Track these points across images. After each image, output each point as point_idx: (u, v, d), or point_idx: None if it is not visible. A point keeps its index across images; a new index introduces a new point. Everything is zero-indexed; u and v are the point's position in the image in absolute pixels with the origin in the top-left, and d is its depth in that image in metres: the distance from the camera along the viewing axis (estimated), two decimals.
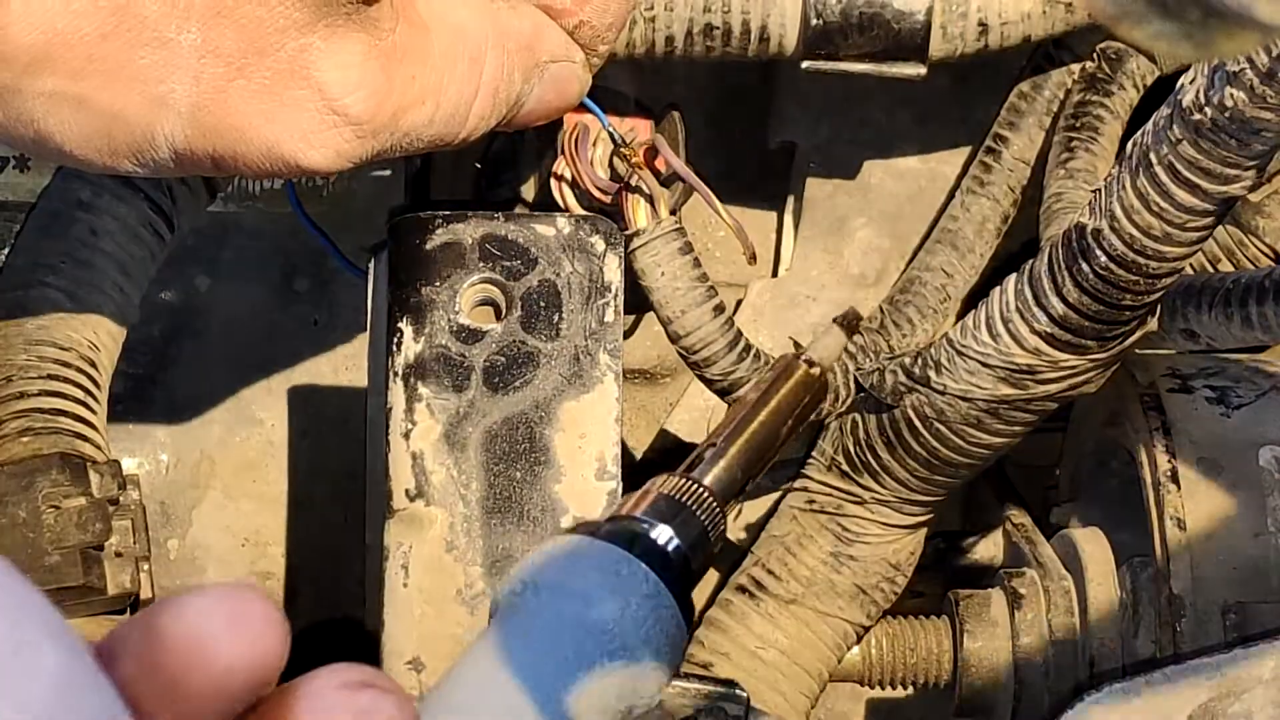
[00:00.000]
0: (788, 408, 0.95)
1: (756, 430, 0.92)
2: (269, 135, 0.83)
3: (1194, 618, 1.13)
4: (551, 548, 0.80)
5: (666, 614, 0.79)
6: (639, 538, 0.82)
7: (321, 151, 0.84)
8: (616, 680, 0.76)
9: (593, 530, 0.82)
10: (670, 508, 0.84)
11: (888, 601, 1.25)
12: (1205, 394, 1.19)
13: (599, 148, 1.13)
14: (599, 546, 0.80)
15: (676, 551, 0.82)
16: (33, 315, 1.07)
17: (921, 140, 1.33)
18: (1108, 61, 1.24)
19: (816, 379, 0.97)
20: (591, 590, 0.78)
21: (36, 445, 1.03)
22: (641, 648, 0.77)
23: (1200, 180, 0.95)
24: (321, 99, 0.83)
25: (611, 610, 0.77)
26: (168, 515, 1.32)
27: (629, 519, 0.84)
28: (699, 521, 0.85)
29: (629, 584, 0.78)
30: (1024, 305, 1.07)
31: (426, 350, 1.03)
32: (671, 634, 0.79)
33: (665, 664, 0.79)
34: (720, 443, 0.90)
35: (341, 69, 0.84)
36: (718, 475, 0.89)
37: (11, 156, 1.29)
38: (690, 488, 0.86)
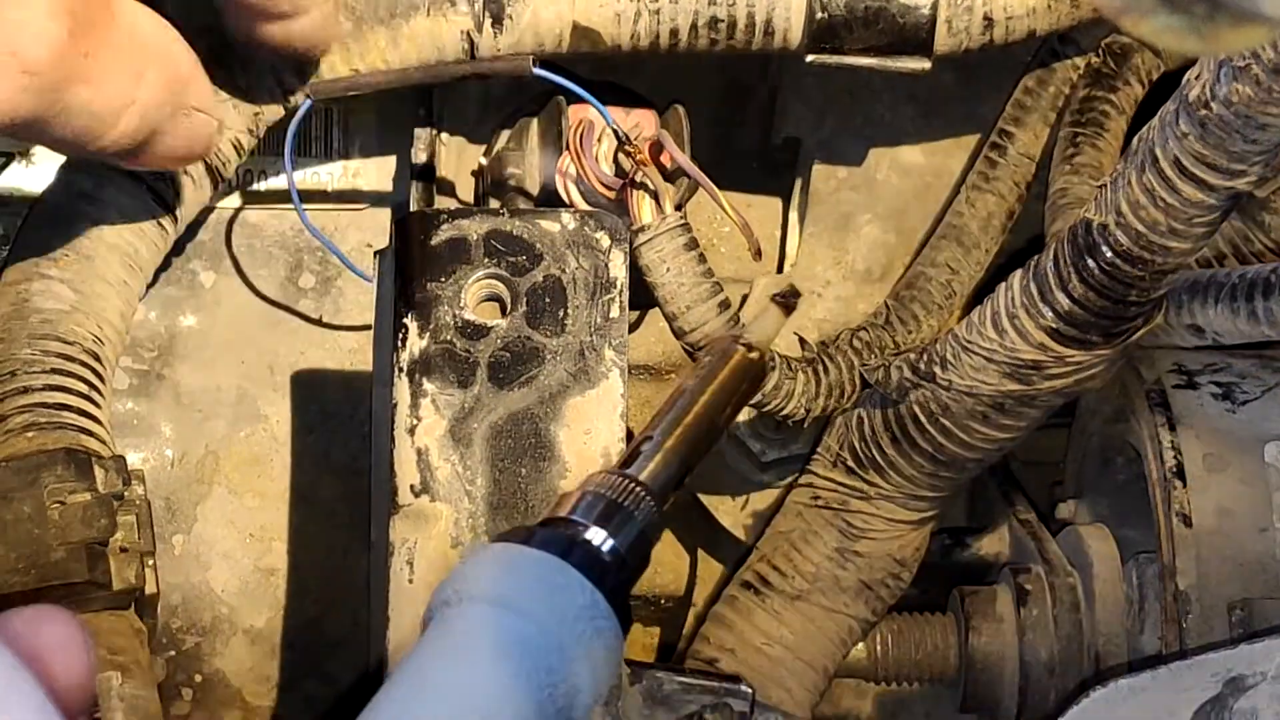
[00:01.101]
0: (726, 394, 0.94)
1: (694, 420, 0.91)
2: None
3: (1199, 613, 1.13)
4: (484, 556, 0.79)
5: (604, 625, 0.78)
6: (575, 545, 0.81)
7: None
8: (556, 693, 0.75)
9: (526, 536, 0.81)
10: (606, 509, 0.83)
11: (893, 597, 1.25)
12: (1211, 390, 1.19)
13: (604, 144, 1.13)
14: (533, 556, 0.79)
15: (613, 555, 0.82)
16: (36, 309, 1.07)
17: (927, 136, 1.33)
18: (1113, 57, 1.23)
19: (755, 362, 0.95)
20: (527, 603, 0.76)
21: (41, 440, 1.03)
22: (580, 660, 0.76)
23: (1206, 175, 0.95)
24: (3, 39, 0.84)
25: (549, 622, 0.76)
26: (173, 511, 1.31)
27: (563, 522, 0.83)
28: (636, 522, 0.84)
29: (565, 596, 0.77)
30: (1029, 301, 1.07)
31: (432, 346, 1.03)
32: (609, 645, 0.78)
33: (603, 676, 0.78)
34: (657, 435, 0.89)
35: (28, 13, 0.84)
36: (655, 471, 0.87)
37: (15, 152, 1.29)
38: (626, 485, 0.85)
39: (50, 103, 0.87)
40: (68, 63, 0.86)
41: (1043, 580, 1.26)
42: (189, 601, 1.31)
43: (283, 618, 1.32)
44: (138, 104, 0.92)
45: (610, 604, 0.79)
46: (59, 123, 0.89)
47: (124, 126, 0.92)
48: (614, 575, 0.80)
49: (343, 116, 1.32)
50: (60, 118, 0.88)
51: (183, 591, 1.31)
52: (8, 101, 0.85)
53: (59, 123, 0.89)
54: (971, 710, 1.30)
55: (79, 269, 1.08)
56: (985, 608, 1.27)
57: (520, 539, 0.80)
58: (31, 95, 0.86)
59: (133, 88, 0.91)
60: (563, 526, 0.83)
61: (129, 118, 0.92)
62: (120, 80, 0.90)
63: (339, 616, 1.33)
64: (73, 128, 0.90)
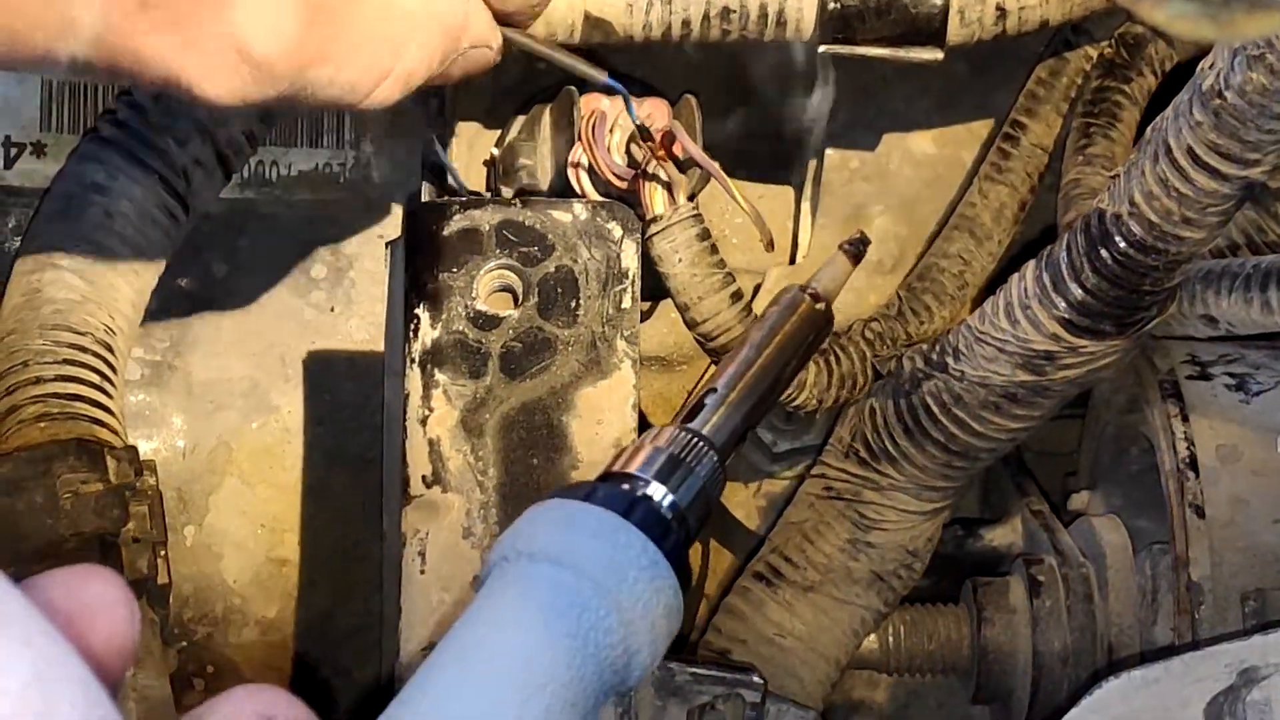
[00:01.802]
0: (792, 347, 0.92)
1: (759, 373, 0.89)
2: (171, 65, 0.83)
3: (1213, 604, 1.13)
4: (544, 513, 0.77)
5: (664, 584, 0.76)
6: (636, 502, 0.79)
7: (218, 87, 0.85)
8: (613, 654, 0.74)
9: (588, 493, 0.79)
10: (667, 464, 0.81)
11: (905, 588, 1.25)
12: (1224, 381, 1.19)
13: (616, 134, 1.13)
14: (594, 513, 0.77)
15: (673, 512, 0.80)
16: (49, 299, 1.07)
17: (939, 127, 1.32)
18: (1126, 47, 1.23)
19: (821, 314, 0.94)
20: (588, 561, 0.74)
21: (53, 430, 1.03)
22: (639, 620, 0.75)
23: (1220, 164, 0.95)
24: (231, 37, 0.84)
25: (608, 582, 0.75)
26: (185, 502, 1.32)
27: (624, 477, 0.81)
28: (698, 478, 0.82)
29: (626, 555, 0.75)
30: (1042, 291, 1.07)
31: (444, 336, 1.03)
32: (669, 604, 0.76)
33: (662, 636, 0.77)
34: (721, 388, 0.87)
35: (259, 10, 0.84)
36: (718, 425, 0.86)
37: (28, 143, 1.29)
38: (689, 441, 0.83)
39: (287, 86, 0.87)
40: (306, 50, 0.86)
41: (1055, 571, 1.25)
42: (201, 592, 1.31)
43: (294, 609, 1.32)
44: (398, 73, 0.91)
45: (670, 563, 0.77)
46: (305, 97, 0.89)
47: (384, 93, 0.92)
48: (675, 534, 0.78)
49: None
50: (305, 93, 0.88)
51: (194, 582, 1.31)
52: (236, 92, 0.85)
53: (305, 97, 0.89)
54: (984, 701, 1.30)
55: (90, 260, 1.08)
56: (998, 599, 1.27)
57: (582, 495, 0.78)
58: (263, 84, 0.86)
59: (389, 60, 0.91)
60: (624, 482, 0.80)
61: (390, 86, 0.92)
62: (371, 56, 0.90)
63: (351, 607, 1.33)
64: (323, 99, 0.90)
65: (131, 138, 1.09)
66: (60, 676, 0.46)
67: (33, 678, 0.45)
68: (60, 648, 0.46)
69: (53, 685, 0.45)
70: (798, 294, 0.94)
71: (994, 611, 1.26)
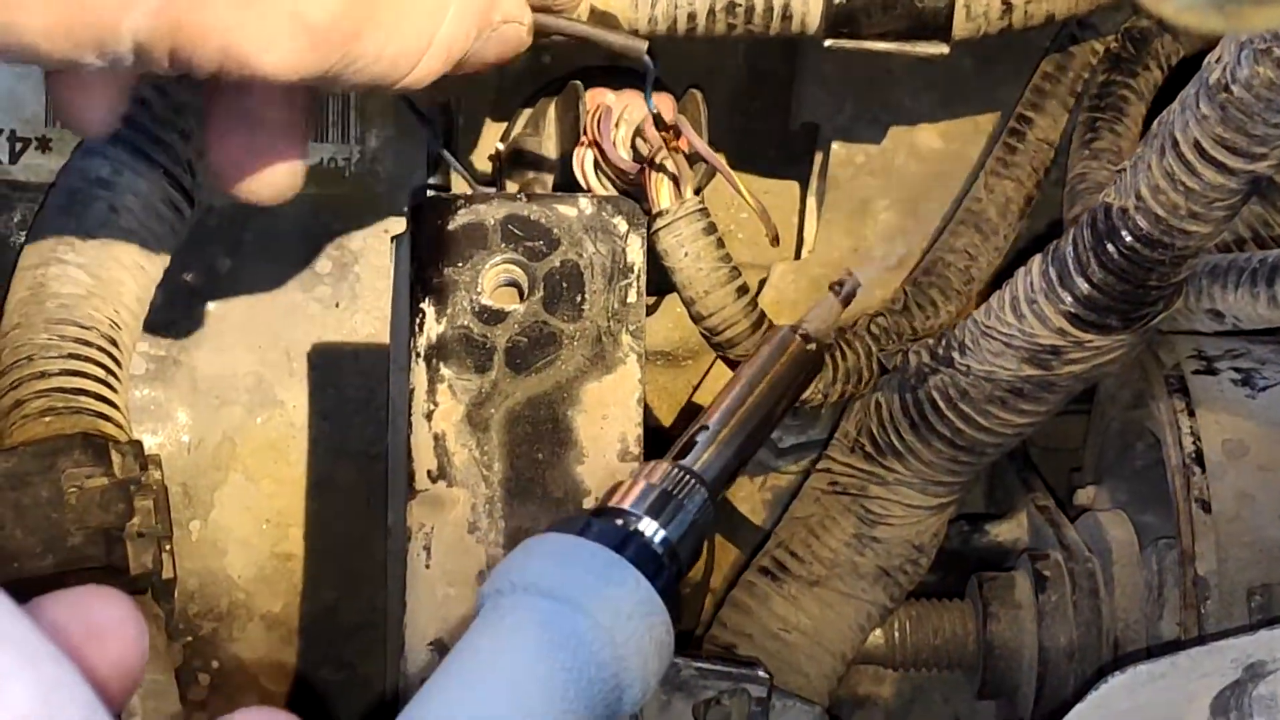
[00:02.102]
0: (783, 386, 0.93)
1: (749, 411, 0.91)
2: (230, 33, 0.83)
3: (1219, 599, 1.13)
4: (539, 546, 0.79)
5: (656, 620, 0.78)
6: (630, 537, 0.80)
7: (274, 54, 0.84)
8: (605, 688, 0.75)
9: (582, 527, 0.80)
10: (659, 499, 0.83)
11: (911, 583, 1.25)
12: (1230, 376, 1.19)
13: (621, 128, 1.13)
14: (589, 548, 0.78)
15: (665, 547, 0.82)
16: (53, 293, 1.07)
17: (945, 121, 1.32)
18: (1132, 41, 1.23)
19: (812, 354, 0.95)
20: (582, 595, 0.76)
21: (59, 425, 1.03)
22: (632, 656, 0.76)
23: (1227, 158, 0.95)
24: (286, 2, 0.84)
25: (603, 617, 0.76)
26: (189, 496, 1.31)
27: (618, 513, 0.82)
28: (689, 514, 0.84)
29: (620, 590, 0.77)
30: (1048, 285, 1.06)
31: (449, 331, 1.03)
32: (660, 639, 0.78)
33: (654, 671, 0.78)
34: (712, 426, 0.89)
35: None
36: (709, 462, 0.87)
37: (33, 138, 1.29)
38: (681, 477, 0.85)
39: (340, 55, 0.86)
40: (355, 15, 0.86)
41: (1061, 566, 1.25)
42: (206, 587, 1.31)
43: (299, 604, 1.32)
44: (438, 45, 0.91)
45: (662, 599, 0.79)
46: (354, 70, 0.88)
47: (426, 69, 0.91)
48: (667, 570, 0.80)
49: (359, 100, 1.32)
50: (355, 65, 0.88)
51: (199, 577, 1.31)
52: (295, 61, 0.85)
53: (354, 70, 0.88)
54: (989, 697, 1.30)
55: (95, 254, 1.08)
56: (1004, 594, 1.27)
57: (575, 529, 0.80)
58: (319, 53, 0.85)
59: (430, 29, 0.90)
60: (617, 517, 0.82)
61: (430, 60, 0.91)
62: (414, 26, 0.89)
63: (356, 602, 1.33)
64: (370, 73, 0.89)
65: (136, 132, 1.09)
66: (65, 700, 0.46)
67: (38, 701, 0.45)
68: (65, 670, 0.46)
69: (58, 708, 0.45)
70: (788, 334, 0.95)
71: (999, 607, 1.26)
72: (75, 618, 0.51)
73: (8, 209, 1.28)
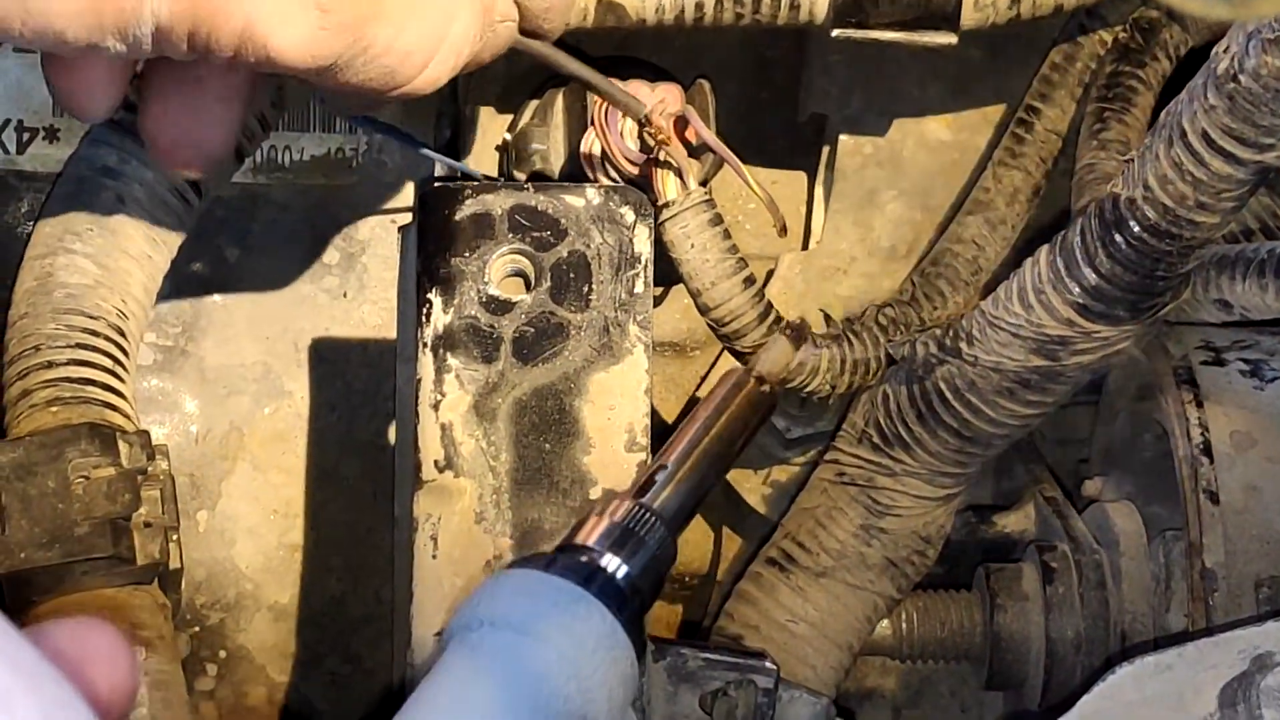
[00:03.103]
0: (737, 425, 0.97)
1: (706, 451, 0.94)
2: (249, 9, 0.83)
3: (1226, 591, 1.12)
4: (505, 581, 0.81)
5: (621, 653, 0.80)
6: (594, 573, 0.83)
7: (289, 34, 0.84)
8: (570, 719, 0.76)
9: (547, 562, 0.83)
10: (622, 536, 0.86)
11: (918, 574, 1.25)
12: (1239, 367, 1.18)
13: (628, 119, 1.12)
14: (554, 583, 0.81)
15: (627, 582, 0.84)
16: (61, 283, 1.07)
17: (953, 112, 1.32)
18: (1140, 32, 1.23)
19: (765, 395, 0.98)
20: (548, 629, 0.78)
21: (66, 415, 1.03)
22: (597, 689, 0.77)
23: (1235, 148, 0.95)
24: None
25: (568, 650, 0.77)
26: (197, 487, 1.31)
27: (581, 549, 0.85)
28: (650, 550, 0.87)
29: (586, 625, 0.79)
30: (1056, 276, 1.06)
31: (456, 321, 1.03)
32: (624, 673, 0.80)
33: (618, 704, 0.79)
34: (671, 465, 0.93)
35: None
36: (668, 500, 0.91)
37: (40, 128, 1.29)
38: (641, 515, 0.88)
39: (350, 43, 0.87)
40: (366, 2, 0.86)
41: (1069, 558, 1.25)
42: (213, 577, 1.31)
43: (307, 594, 1.32)
44: (449, 46, 0.91)
45: (626, 631, 0.80)
46: (361, 64, 0.88)
47: (436, 70, 0.92)
48: (630, 604, 0.83)
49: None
50: (362, 58, 0.88)
51: (207, 567, 1.31)
52: (309, 42, 0.85)
53: (361, 64, 0.88)
54: (996, 688, 1.30)
55: (103, 244, 1.08)
56: (1011, 585, 1.27)
57: (540, 566, 0.82)
58: (332, 35, 0.86)
59: (441, 26, 0.91)
60: (581, 554, 0.85)
61: (438, 64, 0.91)
62: (426, 22, 0.90)
63: (363, 593, 1.33)
64: (380, 65, 0.89)
65: None
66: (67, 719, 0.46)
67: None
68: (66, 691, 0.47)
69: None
70: (743, 376, 1.00)
71: (1007, 598, 1.26)
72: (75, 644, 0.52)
73: (15, 199, 1.28)
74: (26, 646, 0.46)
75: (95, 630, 0.53)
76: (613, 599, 0.81)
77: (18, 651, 0.46)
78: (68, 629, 0.52)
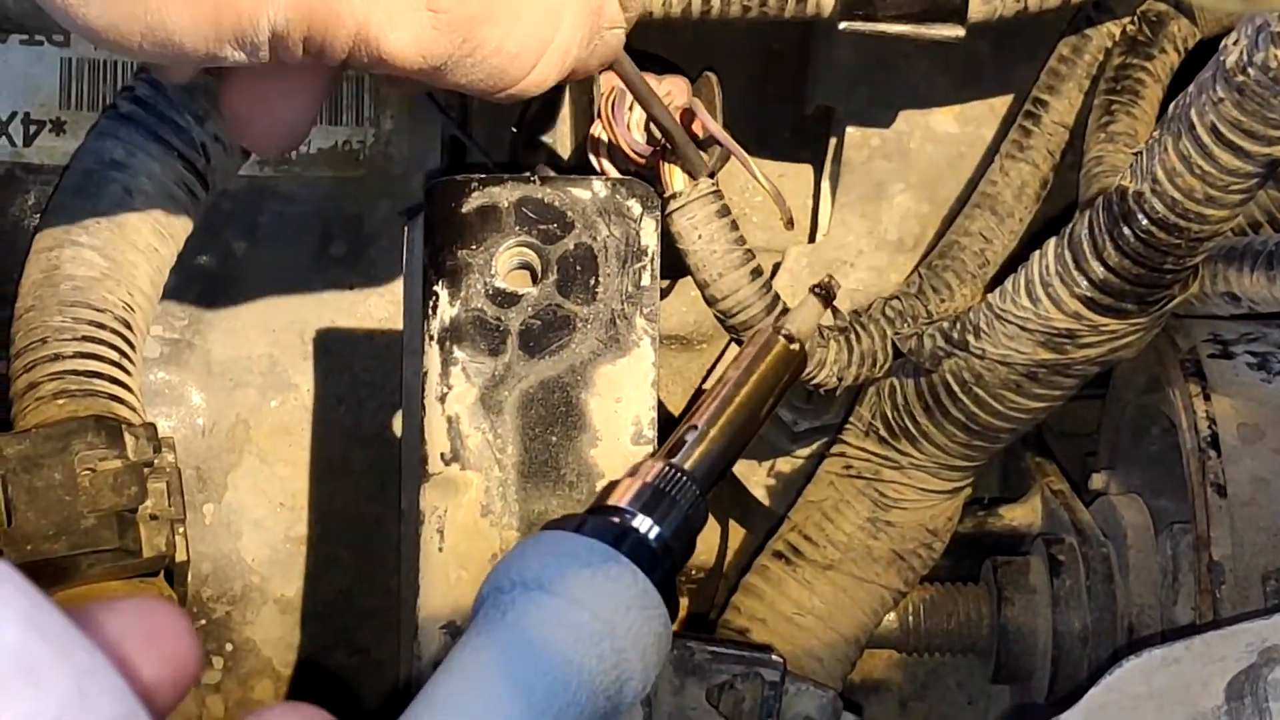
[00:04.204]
0: (768, 385, 0.96)
1: (736, 410, 0.93)
2: (361, 13, 0.85)
3: (1234, 584, 1.12)
4: (537, 544, 0.80)
5: (654, 613, 0.79)
6: (626, 534, 0.82)
7: (402, 35, 0.87)
8: (606, 680, 0.76)
9: (578, 525, 0.82)
10: (653, 497, 0.86)
11: (925, 567, 1.25)
12: (1246, 359, 1.18)
13: (635, 111, 1.12)
14: (586, 544, 0.80)
15: (660, 543, 0.84)
16: (67, 275, 1.07)
17: (960, 105, 1.32)
18: (1148, 24, 1.23)
19: (795, 353, 0.97)
20: (581, 591, 0.77)
21: (72, 407, 1.03)
22: (631, 648, 0.77)
23: (1243, 142, 0.95)
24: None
25: (602, 610, 0.77)
26: (203, 479, 1.31)
27: (613, 510, 0.85)
28: (682, 510, 0.86)
29: (618, 584, 0.79)
30: (1064, 269, 1.06)
31: (462, 314, 1.03)
32: (658, 632, 0.79)
33: (652, 663, 0.79)
34: (701, 425, 0.91)
35: None
36: (699, 461, 0.90)
37: (47, 121, 1.29)
38: (672, 475, 0.87)
39: (459, 43, 0.88)
40: (474, 3, 0.88)
41: (1076, 551, 1.25)
42: (219, 570, 1.31)
43: (313, 587, 1.32)
44: (556, 47, 0.93)
45: (659, 592, 0.80)
46: (470, 64, 0.90)
47: (541, 73, 0.93)
48: (662, 564, 0.82)
49: (374, 83, 1.32)
50: (472, 60, 0.90)
51: (213, 560, 1.31)
52: (420, 43, 0.87)
53: (470, 64, 0.90)
54: (1003, 681, 1.30)
55: (110, 236, 1.08)
56: (1018, 578, 1.27)
57: (572, 527, 0.81)
58: (442, 35, 0.88)
59: (548, 30, 0.92)
60: (612, 515, 0.84)
61: (545, 65, 0.93)
62: (532, 25, 0.91)
63: (369, 586, 1.33)
64: (488, 66, 0.91)
65: (150, 114, 1.09)
66: (100, 689, 0.46)
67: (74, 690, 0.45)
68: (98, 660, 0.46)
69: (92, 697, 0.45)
70: (772, 335, 0.98)
71: (1014, 591, 1.26)
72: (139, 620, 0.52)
73: (22, 191, 1.28)
74: (56, 614, 0.46)
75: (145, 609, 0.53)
76: (645, 559, 0.81)
77: (47, 619, 0.46)
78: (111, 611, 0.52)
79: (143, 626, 0.52)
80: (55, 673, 0.45)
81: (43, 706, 0.44)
